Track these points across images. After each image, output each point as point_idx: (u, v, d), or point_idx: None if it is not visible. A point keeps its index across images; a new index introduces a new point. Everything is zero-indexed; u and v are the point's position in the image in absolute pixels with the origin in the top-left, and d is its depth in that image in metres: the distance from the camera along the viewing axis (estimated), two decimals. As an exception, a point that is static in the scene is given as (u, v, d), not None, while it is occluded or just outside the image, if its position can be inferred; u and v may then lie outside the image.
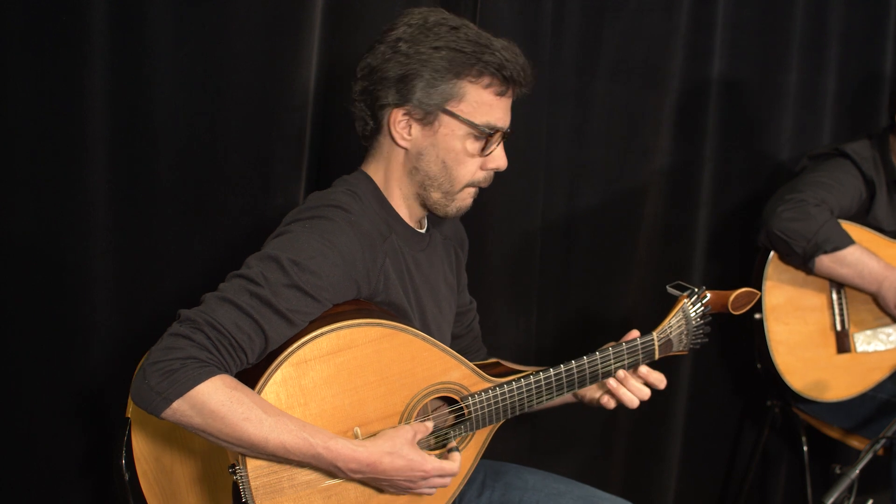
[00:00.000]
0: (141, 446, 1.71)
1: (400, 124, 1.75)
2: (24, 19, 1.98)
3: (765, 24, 3.08)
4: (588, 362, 1.86)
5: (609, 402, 1.94)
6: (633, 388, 1.89)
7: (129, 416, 1.71)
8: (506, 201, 2.73)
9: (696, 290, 1.97)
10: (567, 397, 1.99)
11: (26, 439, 2.16)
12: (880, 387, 2.73)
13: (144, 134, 2.13)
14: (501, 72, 1.72)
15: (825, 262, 2.58)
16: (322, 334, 1.61)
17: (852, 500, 1.62)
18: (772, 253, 2.68)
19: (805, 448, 2.95)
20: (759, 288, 2.67)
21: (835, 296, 2.71)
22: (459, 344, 2.11)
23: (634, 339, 1.91)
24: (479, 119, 1.75)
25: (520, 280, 2.84)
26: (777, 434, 3.26)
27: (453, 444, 1.76)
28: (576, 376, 1.86)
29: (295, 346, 1.59)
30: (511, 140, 2.67)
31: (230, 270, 1.63)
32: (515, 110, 2.65)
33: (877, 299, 2.66)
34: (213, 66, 2.16)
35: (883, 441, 1.76)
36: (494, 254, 2.76)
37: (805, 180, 2.70)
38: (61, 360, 2.14)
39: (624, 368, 1.90)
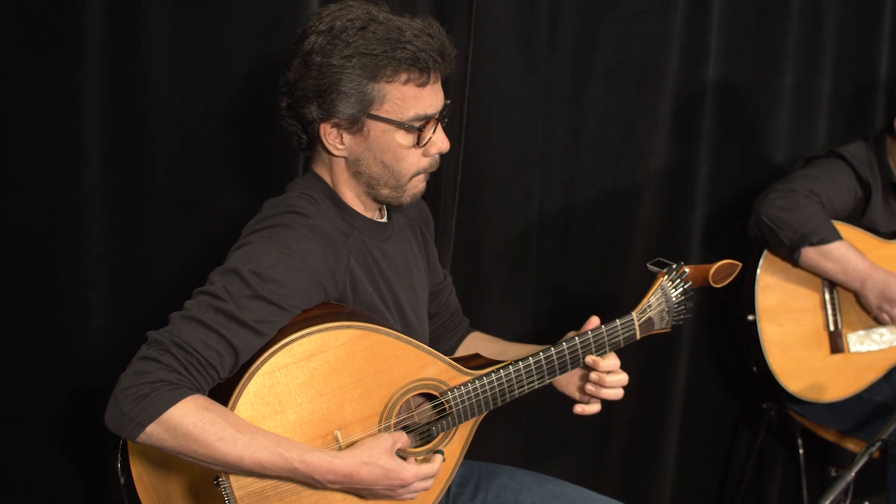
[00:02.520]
0: (136, 449, 1.70)
1: (331, 136, 1.74)
2: (20, 20, 1.98)
3: (760, 25, 3.08)
4: (568, 348, 1.86)
5: (583, 399, 1.93)
6: (611, 382, 1.88)
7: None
8: (502, 202, 2.73)
9: (675, 265, 1.95)
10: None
11: (23, 441, 2.16)
12: (876, 389, 2.73)
13: (140, 136, 2.13)
14: (416, 64, 1.68)
15: (811, 254, 2.58)
16: (293, 341, 1.61)
17: (848, 502, 1.62)
18: (763, 255, 2.68)
19: (801, 450, 2.94)
20: (752, 290, 2.67)
21: (828, 296, 2.71)
22: (438, 321, 2.10)
23: (614, 321, 1.90)
24: (406, 114, 1.72)
25: (516, 281, 2.84)
26: (773, 436, 3.26)
27: (438, 445, 1.76)
28: (556, 362, 1.85)
29: (266, 354, 1.59)
30: (507, 142, 2.70)
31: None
32: (511, 111, 2.68)
33: (859, 298, 2.67)
34: (209, 68, 2.16)
35: (879, 444, 1.76)
36: (491, 255, 2.76)
37: (798, 174, 2.71)
38: (57, 361, 2.14)
39: (606, 350, 1.90)
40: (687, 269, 1.94)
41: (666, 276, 1.94)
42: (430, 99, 1.73)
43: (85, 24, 2.02)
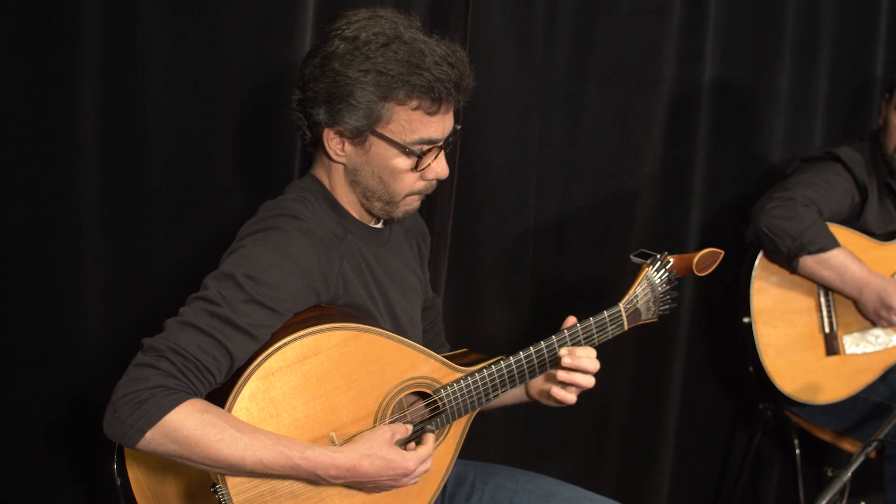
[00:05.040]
0: (133, 452, 1.70)
1: (333, 142, 1.75)
2: (16, 23, 1.98)
3: (756, 27, 3.08)
4: (557, 340, 1.86)
5: (560, 393, 1.89)
6: (587, 363, 1.86)
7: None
8: (498, 204, 2.73)
9: (659, 256, 1.97)
10: (520, 395, 1.99)
11: (19, 443, 2.15)
12: (872, 389, 2.73)
13: (136, 139, 2.12)
14: (430, 93, 1.68)
15: (809, 262, 2.59)
16: (286, 344, 1.61)
17: (844, 502, 1.62)
18: (758, 257, 2.68)
19: (797, 451, 2.95)
20: (747, 292, 2.68)
21: (823, 298, 2.71)
22: (424, 339, 2.11)
23: (602, 313, 1.91)
24: (410, 137, 1.72)
25: (512, 283, 2.84)
26: (769, 437, 3.27)
27: (429, 428, 1.76)
28: (546, 357, 1.86)
29: (260, 359, 1.59)
30: (503, 143, 2.70)
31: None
32: (507, 112, 2.68)
33: (857, 304, 2.67)
34: (204, 71, 2.16)
35: (875, 444, 1.76)
36: (487, 257, 2.76)
37: (795, 180, 2.71)
38: (53, 363, 2.14)
39: (594, 344, 1.90)
40: (671, 259, 1.96)
41: (651, 267, 1.95)
42: (437, 126, 1.74)
43: (81, 28, 2.02)
